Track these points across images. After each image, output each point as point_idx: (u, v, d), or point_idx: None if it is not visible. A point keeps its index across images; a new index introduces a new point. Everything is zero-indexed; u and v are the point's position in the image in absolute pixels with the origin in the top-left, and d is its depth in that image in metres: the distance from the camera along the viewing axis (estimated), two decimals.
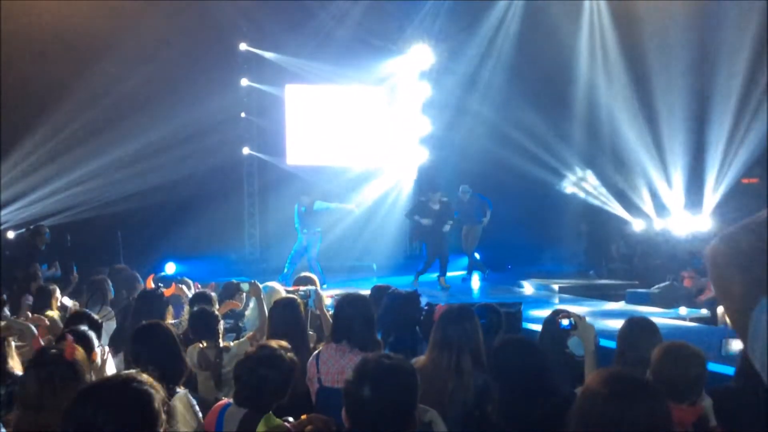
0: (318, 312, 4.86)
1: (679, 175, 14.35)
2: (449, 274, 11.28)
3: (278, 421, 2.84)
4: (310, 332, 4.49)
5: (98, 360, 3.61)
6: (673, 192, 14.47)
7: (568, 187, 15.41)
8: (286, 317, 4.19)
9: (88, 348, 3.43)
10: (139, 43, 12.24)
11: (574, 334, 3.66)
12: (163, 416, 1.84)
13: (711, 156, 13.87)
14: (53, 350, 2.79)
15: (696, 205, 14.21)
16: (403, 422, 2.20)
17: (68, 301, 6.17)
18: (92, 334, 3.64)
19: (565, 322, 3.62)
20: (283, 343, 3.18)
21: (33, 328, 3.65)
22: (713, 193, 13.87)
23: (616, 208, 15.09)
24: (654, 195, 14.75)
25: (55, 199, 12.74)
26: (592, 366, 3.48)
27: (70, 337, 2.95)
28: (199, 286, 7.01)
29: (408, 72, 14.93)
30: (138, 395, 1.81)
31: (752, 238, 1.38)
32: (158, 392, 1.87)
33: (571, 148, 15.12)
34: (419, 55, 14.81)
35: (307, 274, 6.49)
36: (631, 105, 14.55)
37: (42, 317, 5.06)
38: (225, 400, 3.07)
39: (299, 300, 4.43)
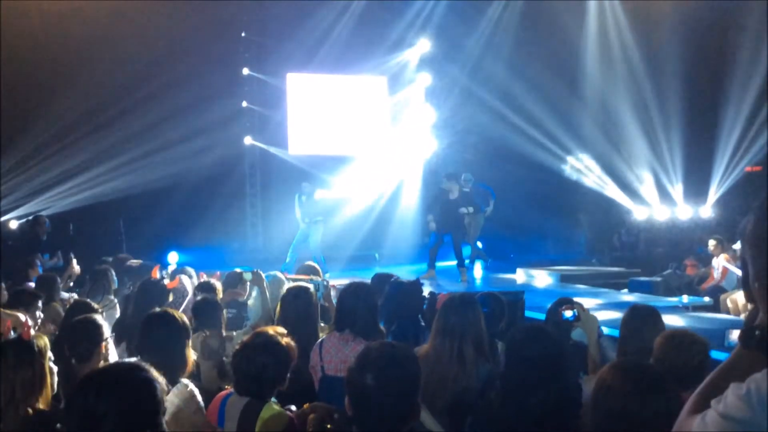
0: (326, 304, 4.85)
1: (682, 164, 14.32)
2: (450, 263, 11.12)
3: (280, 409, 2.84)
4: (322, 324, 4.49)
5: (105, 351, 3.61)
6: (675, 181, 14.45)
7: (572, 175, 15.39)
8: (298, 306, 4.18)
9: (99, 337, 3.43)
10: (141, 33, 12.21)
11: (578, 326, 3.65)
12: (165, 405, 1.84)
13: (717, 144, 13.84)
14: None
15: (699, 193, 14.20)
16: (406, 410, 2.19)
17: (65, 295, 6.17)
18: (104, 323, 3.65)
19: (568, 313, 3.61)
20: (279, 329, 3.17)
21: (22, 317, 3.64)
22: (719, 181, 13.86)
23: (619, 196, 15.08)
24: (658, 183, 14.74)
25: (58, 188, 12.75)
26: (596, 357, 3.47)
27: (27, 320, 2.98)
28: (205, 275, 7.01)
29: (410, 62, 14.90)
30: (141, 383, 1.82)
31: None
32: (160, 382, 1.87)
33: (576, 137, 15.09)
34: (421, 45, 14.76)
35: (311, 263, 6.50)
36: (637, 93, 14.51)
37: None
38: (227, 390, 3.07)
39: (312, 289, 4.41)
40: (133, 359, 2.86)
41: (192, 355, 3.33)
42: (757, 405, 1.30)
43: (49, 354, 2.88)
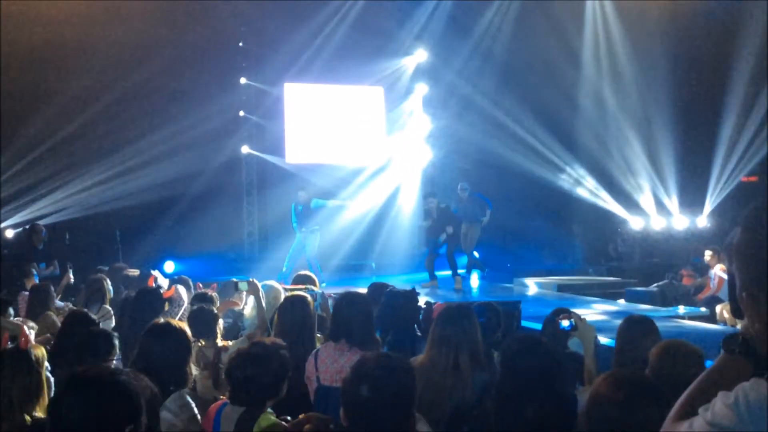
0: (324, 314, 4.84)
1: (677, 174, 14.35)
2: (446, 272, 11.07)
3: (276, 419, 2.83)
4: (319, 335, 4.48)
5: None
6: (671, 191, 14.47)
7: (569, 185, 15.40)
8: (295, 315, 4.16)
9: (111, 347, 3.44)
10: (139, 42, 12.24)
11: (575, 335, 3.65)
12: (144, 416, 1.83)
13: (712, 155, 13.87)
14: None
15: (695, 203, 14.22)
16: (402, 420, 2.19)
17: (60, 304, 6.14)
18: (114, 334, 3.65)
19: (565, 323, 3.60)
20: (278, 340, 3.16)
21: (25, 328, 3.64)
22: (715, 191, 13.88)
23: (614, 206, 15.10)
24: (653, 194, 14.76)
25: (54, 197, 12.73)
26: (593, 367, 3.46)
27: (24, 329, 3.00)
28: (201, 286, 6.99)
29: (407, 71, 14.94)
30: (122, 388, 1.81)
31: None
32: (147, 388, 1.87)
33: (571, 147, 15.12)
34: (418, 55, 14.81)
35: (307, 272, 6.47)
36: (632, 103, 14.55)
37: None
38: (222, 400, 3.06)
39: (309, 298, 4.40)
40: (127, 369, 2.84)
41: (193, 370, 3.33)
42: (744, 413, 1.32)
43: (46, 364, 2.89)
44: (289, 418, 2.86)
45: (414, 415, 2.24)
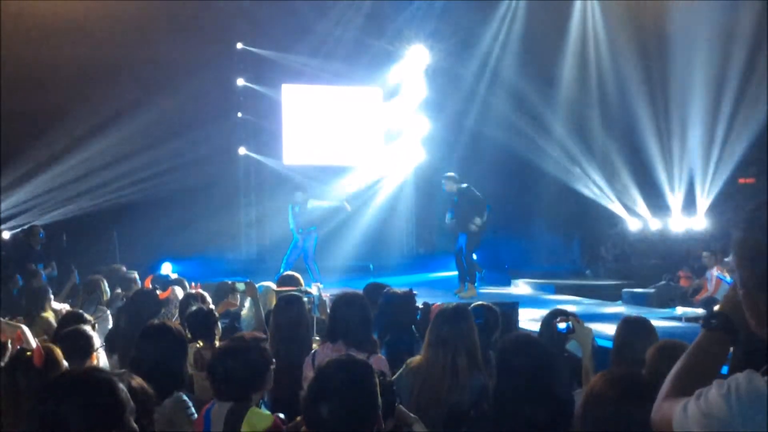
0: (323, 317, 4.82)
1: (677, 175, 14.35)
2: (446, 273, 10.92)
3: (262, 412, 2.85)
4: (317, 337, 4.47)
5: (96, 362, 3.60)
6: (673, 192, 14.47)
7: (567, 185, 15.39)
8: (291, 314, 4.16)
9: (88, 348, 3.43)
10: (136, 42, 12.21)
11: (572, 338, 3.64)
12: (132, 404, 1.79)
13: (706, 155, 13.88)
14: (25, 355, 2.84)
15: (690, 204, 14.23)
16: (367, 424, 2.17)
17: (57, 305, 6.13)
18: (94, 335, 3.64)
19: (562, 325, 3.58)
20: (258, 334, 3.18)
21: (26, 329, 3.64)
22: (708, 193, 13.88)
23: (613, 206, 15.10)
24: (650, 194, 14.76)
25: (52, 198, 12.71)
26: (590, 369, 3.46)
27: (38, 345, 2.98)
28: (194, 285, 6.95)
29: (405, 72, 14.94)
30: (101, 385, 1.76)
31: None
32: (142, 389, 1.84)
33: (568, 148, 15.12)
34: (416, 56, 14.80)
35: (292, 273, 6.37)
36: (629, 104, 14.56)
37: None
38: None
39: (304, 298, 4.40)
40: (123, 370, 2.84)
41: (189, 370, 3.33)
42: (735, 405, 1.33)
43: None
44: (281, 415, 2.87)
45: (379, 415, 2.22)
